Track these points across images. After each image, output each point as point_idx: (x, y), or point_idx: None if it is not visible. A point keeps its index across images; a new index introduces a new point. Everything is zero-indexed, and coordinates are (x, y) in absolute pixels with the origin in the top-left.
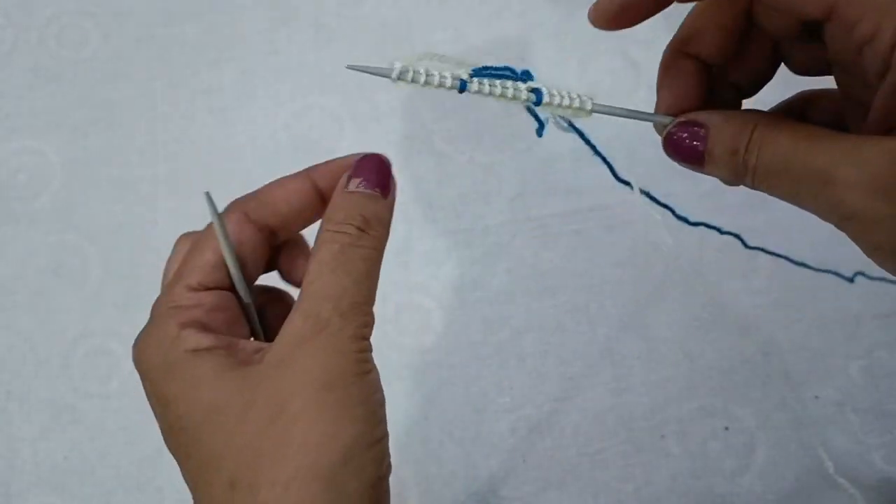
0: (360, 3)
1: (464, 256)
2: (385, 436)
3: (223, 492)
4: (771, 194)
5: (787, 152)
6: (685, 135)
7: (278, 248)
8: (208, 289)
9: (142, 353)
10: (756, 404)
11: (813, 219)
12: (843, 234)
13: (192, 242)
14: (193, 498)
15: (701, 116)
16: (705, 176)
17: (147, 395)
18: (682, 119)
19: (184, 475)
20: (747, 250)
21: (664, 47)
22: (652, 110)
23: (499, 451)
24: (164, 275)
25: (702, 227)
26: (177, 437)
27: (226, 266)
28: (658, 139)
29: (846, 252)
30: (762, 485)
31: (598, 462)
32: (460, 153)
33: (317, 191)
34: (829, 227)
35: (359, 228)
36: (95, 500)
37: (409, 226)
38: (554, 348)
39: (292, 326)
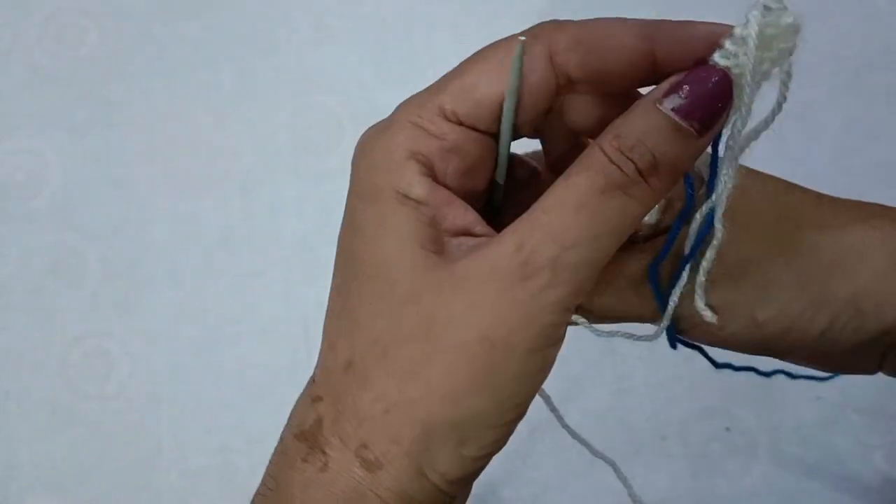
0: (360, 3)
1: None
2: (514, 420)
3: (338, 364)
4: None
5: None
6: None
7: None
8: (461, 124)
9: (362, 153)
10: (757, 405)
11: None
12: None
13: (487, 54)
14: (324, 328)
15: None
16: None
17: (348, 195)
18: None
19: (329, 298)
20: None
21: None
22: None
23: (499, 451)
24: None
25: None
26: (342, 265)
27: (499, 107)
28: None
29: None
30: (763, 486)
31: (598, 463)
32: None
33: (651, 55)
34: None
35: (640, 170)
36: (94, 500)
37: None
38: None
39: (498, 248)
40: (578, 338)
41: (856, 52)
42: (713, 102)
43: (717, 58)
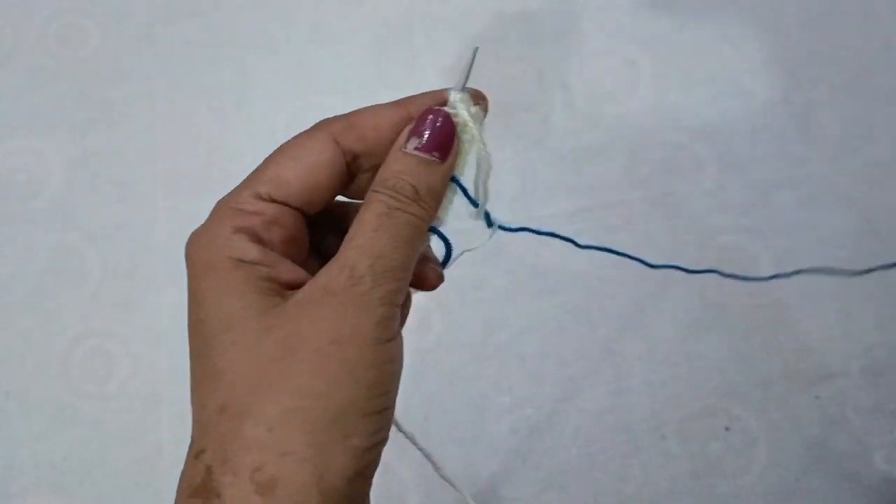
0: (360, 3)
1: (464, 256)
2: (386, 409)
3: (213, 414)
4: None
5: None
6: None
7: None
8: (275, 201)
9: (191, 244)
10: (756, 404)
11: (814, 218)
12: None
13: (285, 147)
14: (191, 403)
15: None
16: (706, 175)
17: (187, 285)
18: None
19: (190, 376)
20: (749, 251)
21: (664, 47)
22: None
23: (499, 451)
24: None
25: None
26: (193, 339)
27: (304, 185)
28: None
29: (848, 249)
30: (763, 485)
31: (598, 462)
32: None
33: (408, 119)
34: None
35: (408, 196)
36: (94, 500)
37: None
38: (554, 349)
39: (327, 274)
40: (578, 339)
41: (856, 54)
42: (444, 134)
43: (453, 99)
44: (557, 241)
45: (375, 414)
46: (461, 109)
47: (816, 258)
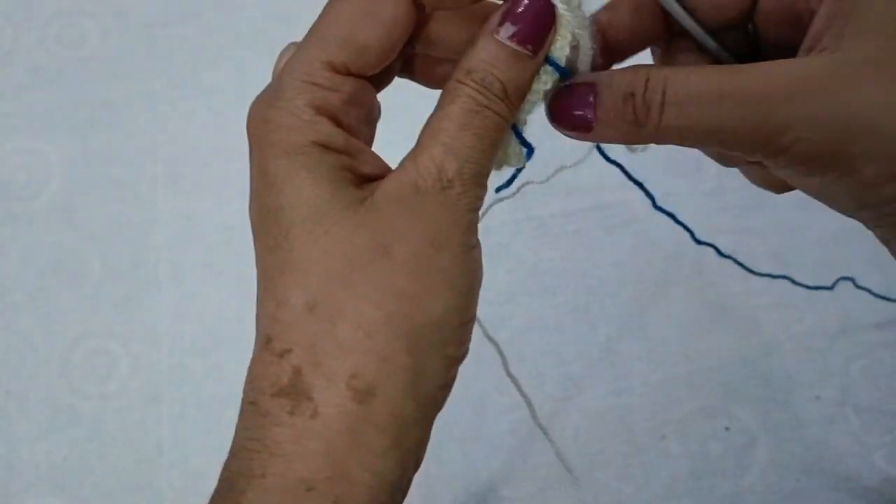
0: None
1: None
2: (474, 320)
3: (300, 310)
4: (680, 142)
5: (703, 79)
6: (571, 101)
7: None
8: (351, 74)
9: (261, 120)
10: (757, 404)
11: (814, 218)
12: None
13: (347, 1)
14: (260, 296)
15: (590, 76)
16: (706, 176)
17: (251, 163)
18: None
19: (258, 266)
20: (749, 251)
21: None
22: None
23: (499, 451)
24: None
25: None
26: (268, 225)
27: (379, 52)
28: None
29: (849, 251)
30: (763, 485)
31: (598, 462)
32: None
33: None
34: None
35: (496, 94)
36: (94, 500)
37: None
38: (554, 348)
39: (412, 171)
40: (578, 339)
41: None
42: (540, 26)
43: None
44: (557, 241)
45: (467, 323)
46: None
47: (816, 258)
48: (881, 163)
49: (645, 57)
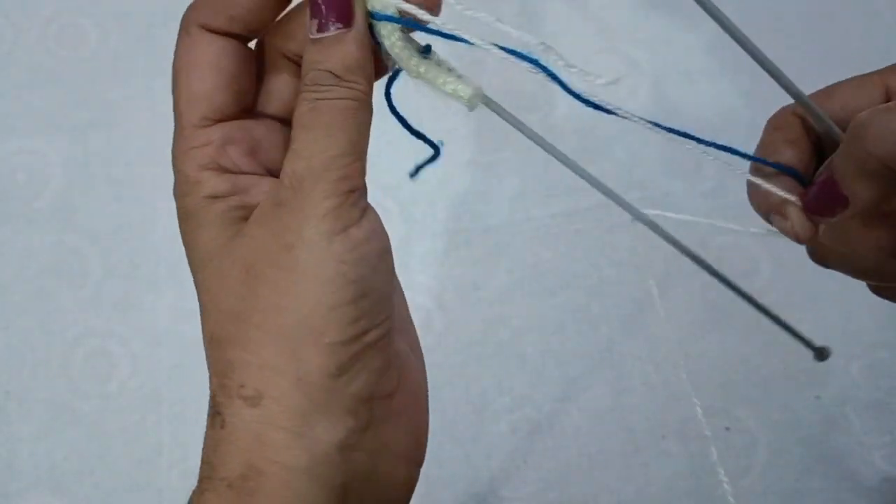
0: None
1: (464, 256)
2: (364, 296)
3: (207, 346)
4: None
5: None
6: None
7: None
8: (216, 120)
9: (176, 201)
10: (757, 405)
11: None
12: None
13: (177, 64)
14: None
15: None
16: (705, 176)
17: None
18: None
19: None
20: (749, 251)
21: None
22: (651, 111)
23: (499, 451)
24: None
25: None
26: (192, 272)
27: (222, 92)
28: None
29: None
30: (763, 485)
31: (598, 462)
32: (460, 154)
33: None
34: None
35: (329, 82)
36: (94, 500)
37: (409, 226)
38: (554, 348)
39: (275, 186)
40: (579, 339)
41: (856, 53)
42: (336, 6)
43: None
44: (560, 241)
45: (346, 305)
46: None
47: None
48: None
49: None
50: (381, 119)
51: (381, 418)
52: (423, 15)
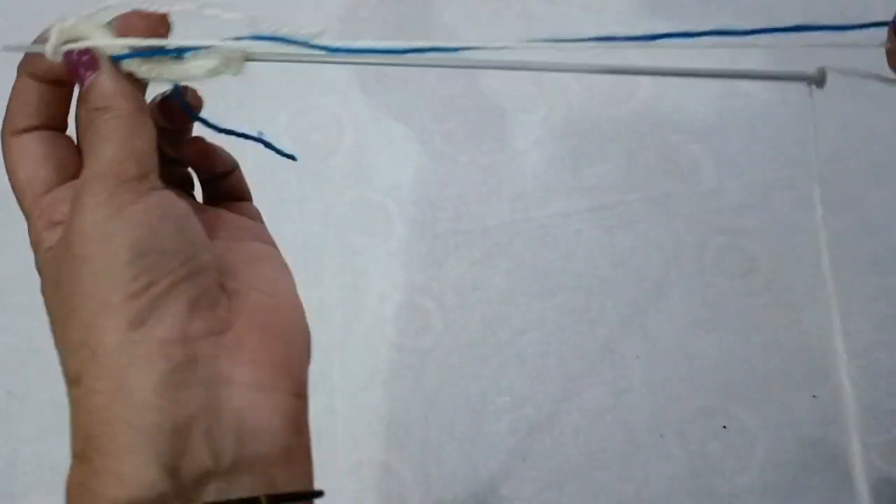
0: (360, 5)
1: (464, 257)
2: (154, 250)
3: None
4: None
5: None
6: None
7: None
8: (46, 191)
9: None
10: (755, 404)
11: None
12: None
13: (7, 167)
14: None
15: None
16: (705, 176)
17: None
18: None
19: None
20: (747, 251)
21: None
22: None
23: (499, 450)
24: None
25: None
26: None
27: (48, 164)
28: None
29: (846, 250)
30: (761, 484)
31: (597, 462)
32: (460, 154)
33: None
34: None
35: (98, 114)
36: None
37: (410, 226)
38: (554, 348)
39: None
40: (578, 339)
41: (854, 54)
42: (76, 66)
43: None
44: (559, 241)
45: (123, 266)
46: (81, 33)
47: (815, 258)
48: None
49: None
50: (382, 121)
51: (210, 354)
52: (153, 42)
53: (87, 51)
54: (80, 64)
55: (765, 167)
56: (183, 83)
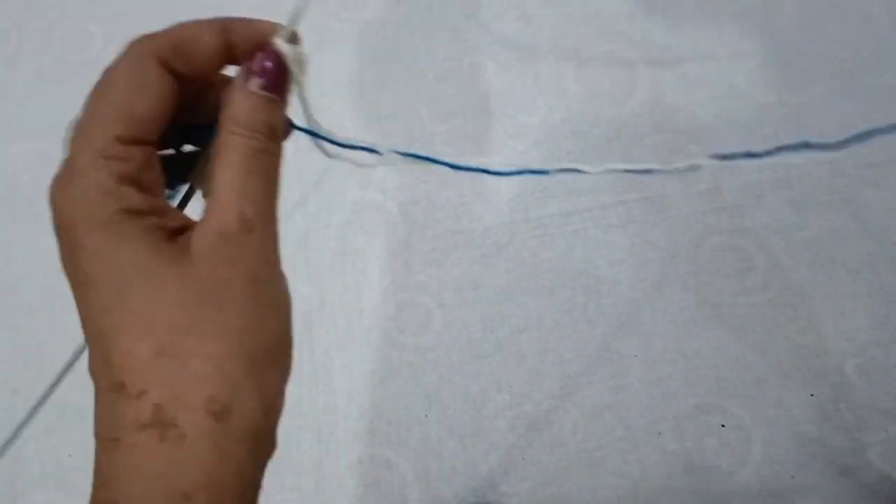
0: (360, 6)
1: (463, 256)
2: (292, 337)
3: (149, 357)
4: None
5: None
6: None
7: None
8: (137, 143)
9: (65, 198)
10: (752, 402)
11: (808, 218)
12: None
13: (120, 80)
14: (99, 353)
15: None
16: (702, 177)
17: (60, 238)
18: None
19: (90, 329)
20: (743, 250)
21: (661, 50)
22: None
23: (498, 447)
24: (88, 103)
25: None
26: (95, 291)
27: (157, 120)
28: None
29: (843, 250)
30: (758, 481)
31: (595, 459)
32: (460, 154)
33: (230, 45)
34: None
35: (267, 136)
36: None
37: (410, 226)
38: (552, 347)
39: (216, 218)
40: (576, 337)
41: (851, 55)
42: (281, 75)
43: (279, 45)
44: (558, 241)
45: (291, 343)
46: (287, 49)
47: (814, 258)
48: None
49: None
50: (383, 121)
51: None
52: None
53: (283, 64)
54: (274, 72)
55: (762, 167)
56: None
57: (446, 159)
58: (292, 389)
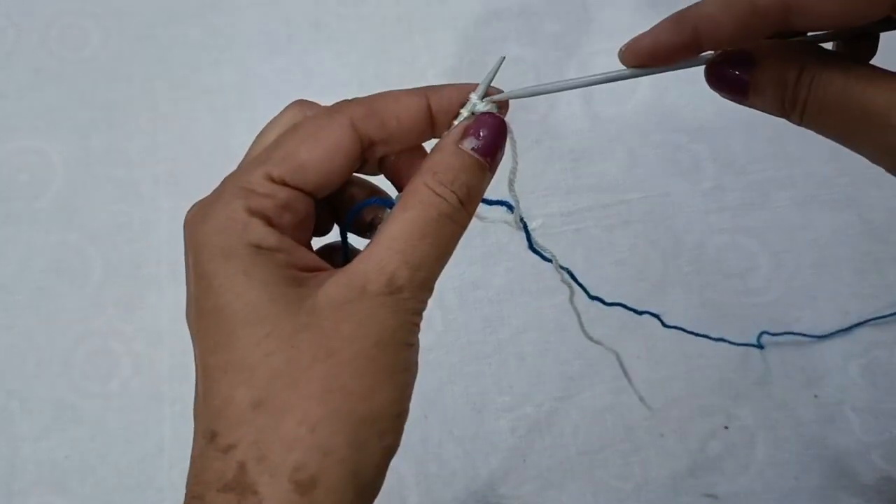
0: (360, 3)
1: (463, 256)
2: (406, 413)
3: (245, 408)
4: (818, 131)
5: (841, 90)
6: (730, 64)
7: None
8: (288, 185)
9: (199, 224)
10: (755, 403)
11: (812, 218)
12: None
13: (294, 123)
14: (201, 392)
15: (748, 47)
16: (705, 175)
17: (188, 265)
18: (728, 49)
19: (198, 364)
20: (746, 250)
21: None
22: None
23: (498, 449)
24: (257, 141)
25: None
26: (209, 326)
27: (322, 171)
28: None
29: (846, 249)
30: (762, 484)
31: (597, 461)
32: None
33: (430, 112)
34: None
35: (461, 200)
36: (96, 499)
37: None
38: (553, 347)
39: (363, 274)
40: (578, 338)
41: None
42: (497, 141)
43: (483, 108)
44: (557, 241)
45: (404, 413)
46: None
47: (814, 258)
48: None
49: None
50: None
51: None
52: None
53: (504, 130)
54: (492, 137)
55: (764, 166)
56: None
57: None
58: None
